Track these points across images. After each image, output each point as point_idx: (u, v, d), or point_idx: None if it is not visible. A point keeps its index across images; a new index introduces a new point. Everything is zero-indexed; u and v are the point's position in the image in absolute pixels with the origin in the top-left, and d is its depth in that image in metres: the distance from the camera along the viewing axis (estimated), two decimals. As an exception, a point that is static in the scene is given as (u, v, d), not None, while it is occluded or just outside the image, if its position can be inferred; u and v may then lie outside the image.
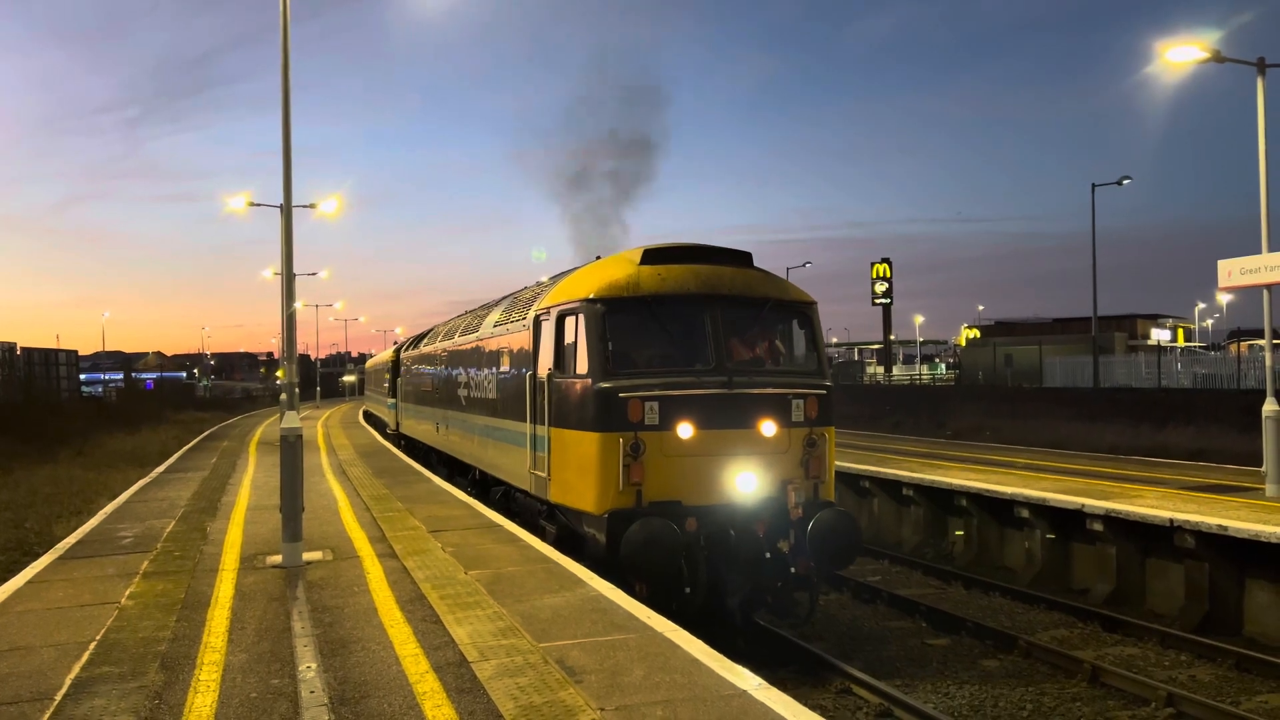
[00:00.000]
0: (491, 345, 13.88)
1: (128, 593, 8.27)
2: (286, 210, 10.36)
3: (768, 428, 9.37)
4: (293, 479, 9.47)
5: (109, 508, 14.10)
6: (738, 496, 9.22)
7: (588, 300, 9.66)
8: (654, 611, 7.29)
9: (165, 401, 62.08)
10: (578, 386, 9.61)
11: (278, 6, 10.00)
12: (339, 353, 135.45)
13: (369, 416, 42.76)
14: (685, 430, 9.13)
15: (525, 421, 11.23)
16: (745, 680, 5.67)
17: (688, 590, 9.00)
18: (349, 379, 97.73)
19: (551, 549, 9.94)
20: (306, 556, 9.53)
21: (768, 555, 9.22)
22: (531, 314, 11.31)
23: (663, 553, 8.55)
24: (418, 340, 25.14)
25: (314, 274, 54.45)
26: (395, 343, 49.47)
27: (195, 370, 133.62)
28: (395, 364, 29.00)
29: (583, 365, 9.56)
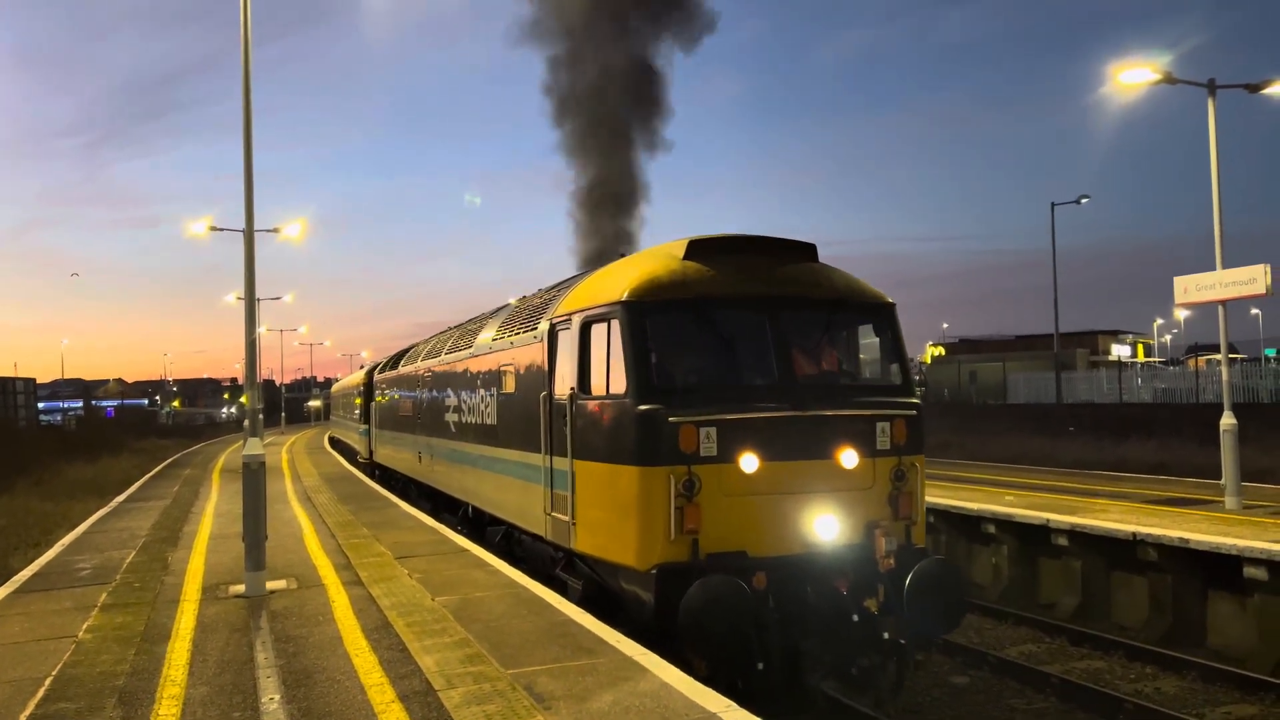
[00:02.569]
0: (489, 363, 12.09)
1: (85, 626, 8.09)
2: (249, 235, 10.26)
3: (848, 458, 7.73)
4: (256, 506, 9.34)
5: (67, 539, 13.82)
6: (815, 544, 7.57)
7: (623, 303, 7.89)
8: (623, 635, 7.24)
9: (126, 429, 61.17)
10: (612, 410, 7.91)
11: (239, 30, 9.96)
12: (304, 378, 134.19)
13: (335, 442, 42.31)
14: (749, 463, 7.46)
15: (539, 452, 9.52)
16: (714, 703, 5.64)
17: (760, 666, 7.12)
18: (315, 404, 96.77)
19: (520, 574, 9.84)
20: (270, 585, 9.39)
21: (855, 618, 7.50)
22: (545, 324, 9.61)
23: (731, 619, 6.82)
24: (395, 360, 23.01)
25: (278, 298, 53.44)
26: (362, 365, 48.94)
27: (157, 397, 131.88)
28: (368, 387, 27.36)
29: (618, 383, 7.88)
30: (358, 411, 30.00)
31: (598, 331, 8.31)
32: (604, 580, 8.40)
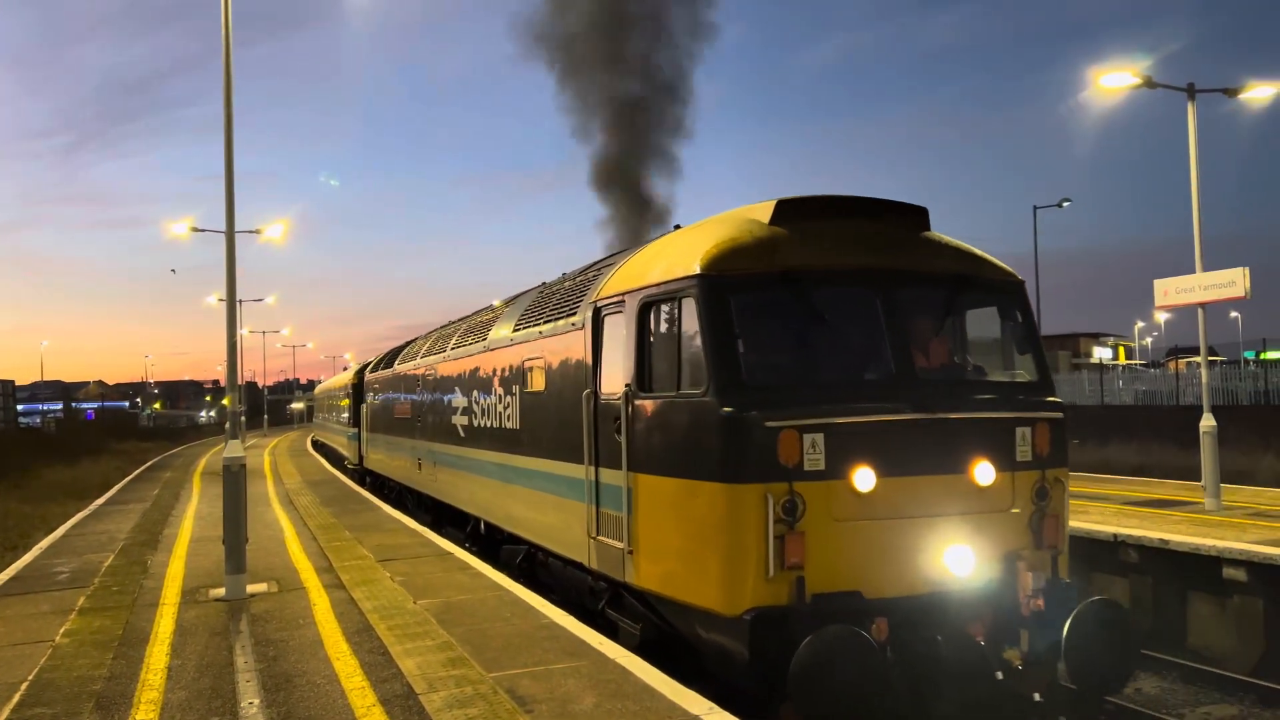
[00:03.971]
0: (510, 358, 10.51)
1: (63, 630, 8.01)
2: (229, 236, 10.20)
3: (983, 472, 6.37)
4: (236, 509, 9.27)
5: (45, 542, 13.69)
6: (945, 582, 6.18)
7: (700, 276, 6.47)
8: (606, 638, 7.22)
9: (107, 432, 60.76)
10: (685, 411, 6.50)
11: (220, 30, 9.89)
12: (287, 380, 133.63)
13: (320, 446, 42.07)
14: (865, 479, 6.07)
15: (578, 462, 8.14)
16: (697, 705, 5.63)
17: None
18: (297, 406, 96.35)
19: (504, 577, 9.80)
20: (251, 589, 9.32)
21: (999, 675, 6.09)
22: (586, 308, 8.23)
23: (857, 686, 5.45)
24: (390, 358, 21.13)
25: (260, 300, 53.29)
26: (346, 367, 48.56)
27: (138, 399, 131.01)
28: (358, 387, 25.87)
29: (692, 378, 6.49)
30: (346, 414, 28.47)
31: (662, 314, 6.94)
32: (671, 624, 7.01)
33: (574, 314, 8.60)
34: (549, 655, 6.76)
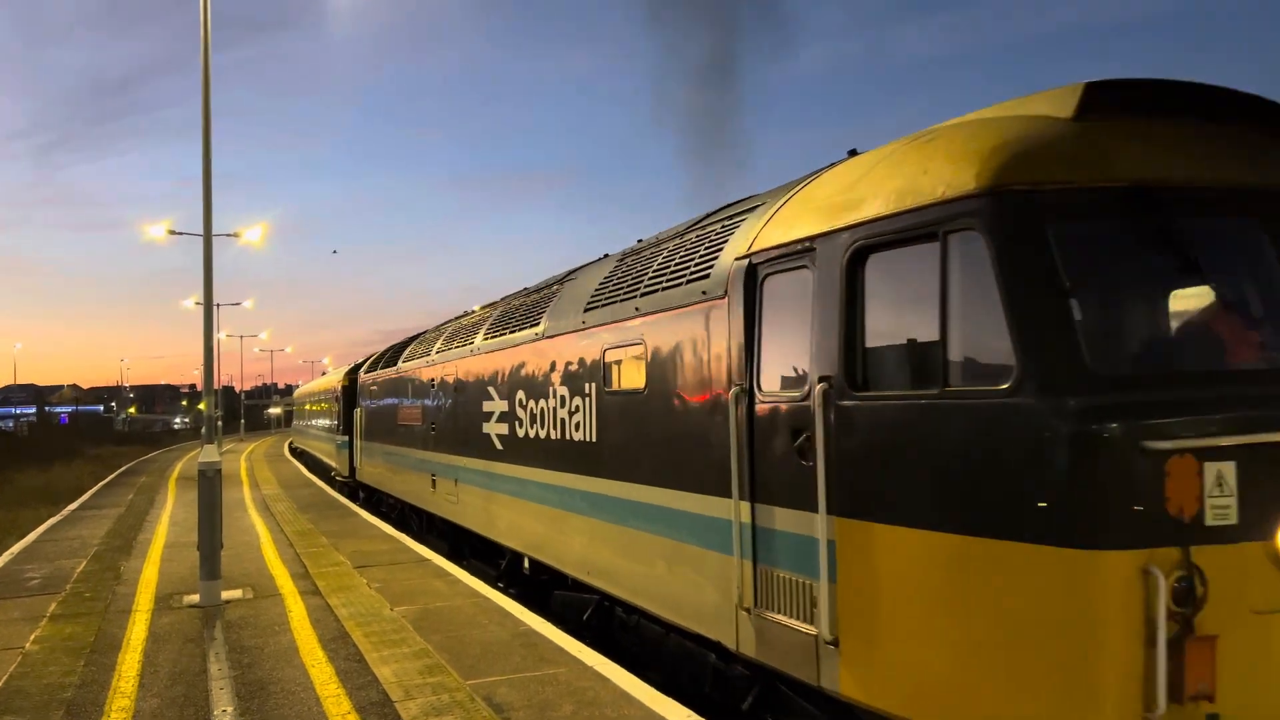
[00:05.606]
0: (582, 348, 8.03)
1: (33, 637, 7.90)
2: (207, 239, 10.13)
3: None
4: (211, 515, 9.20)
5: (16, 548, 13.52)
6: None
7: (990, 193, 3.99)
8: (584, 645, 7.20)
9: (81, 436, 60.16)
10: (970, 420, 3.97)
11: (199, 30, 9.84)
12: (265, 384, 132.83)
13: (299, 453, 41.75)
14: None
15: (720, 494, 5.62)
16: (675, 713, 5.62)
17: None
18: (275, 411, 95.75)
19: (482, 584, 9.75)
20: (225, 595, 9.24)
21: None
22: (729, 268, 5.72)
23: None
24: (393, 355, 18.13)
25: (238, 304, 53.28)
26: (324, 372, 48.17)
27: (113, 404, 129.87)
28: (349, 390, 23.26)
29: (973, 366, 4.08)
30: (335, 420, 25.52)
31: (899, 264, 4.44)
32: None
33: (702, 278, 6.07)
34: (527, 662, 6.74)
